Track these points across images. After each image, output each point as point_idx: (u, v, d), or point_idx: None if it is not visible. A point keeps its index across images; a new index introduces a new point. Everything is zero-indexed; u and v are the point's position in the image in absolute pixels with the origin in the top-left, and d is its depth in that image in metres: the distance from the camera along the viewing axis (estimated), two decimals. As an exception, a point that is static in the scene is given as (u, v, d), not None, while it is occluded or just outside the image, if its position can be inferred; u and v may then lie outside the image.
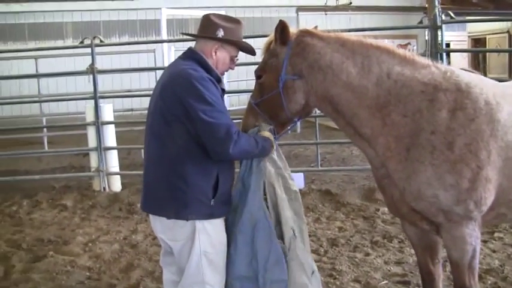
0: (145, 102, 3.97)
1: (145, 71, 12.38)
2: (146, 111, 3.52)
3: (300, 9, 20.80)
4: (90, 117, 8.83)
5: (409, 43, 21.80)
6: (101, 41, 8.51)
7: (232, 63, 3.52)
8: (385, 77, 3.23)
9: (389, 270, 5.31)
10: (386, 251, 5.81)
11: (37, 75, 11.73)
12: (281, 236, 3.42)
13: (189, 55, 3.43)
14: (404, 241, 5.97)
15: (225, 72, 3.61)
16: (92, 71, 8.41)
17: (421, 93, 3.18)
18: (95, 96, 8.59)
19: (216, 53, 3.39)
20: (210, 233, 3.31)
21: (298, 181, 8.12)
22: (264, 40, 3.49)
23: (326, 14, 19.13)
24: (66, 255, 6.12)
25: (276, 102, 3.33)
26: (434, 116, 3.14)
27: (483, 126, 3.12)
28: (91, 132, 8.87)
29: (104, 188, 8.79)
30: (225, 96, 3.60)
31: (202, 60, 3.36)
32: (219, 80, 3.39)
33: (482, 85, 3.27)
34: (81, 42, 8.72)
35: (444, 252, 3.54)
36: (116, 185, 8.89)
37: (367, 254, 5.76)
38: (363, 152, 3.46)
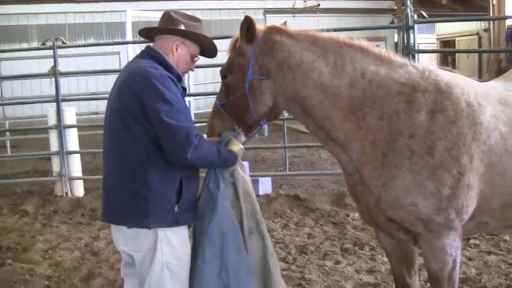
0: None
1: (110, 73, 12.21)
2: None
3: (268, 11, 20.80)
4: (52, 120, 8.63)
5: (377, 45, 21.94)
6: (63, 42, 8.29)
7: (193, 63, 3.39)
8: (359, 76, 3.05)
9: (360, 280, 5.15)
10: (358, 259, 5.65)
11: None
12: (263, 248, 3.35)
13: (148, 53, 3.28)
14: (376, 248, 5.84)
15: (192, 75, 3.48)
16: (53, 73, 8.22)
17: (398, 94, 3.01)
18: (57, 99, 8.39)
19: (177, 49, 3.24)
20: (173, 243, 3.18)
21: (265, 186, 8.17)
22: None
23: (294, 16, 19.13)
24: (25, 263, 5.93)
25: (242, 103, 3.15)
26: (412, 119, 2.97)
27: (465, 129, 2.96)
28: (53, 136, 8.66)
29: (67, 193, 8.59)
30: (192, 99, 3.49)
31: (161, 58, 3.22)
32: (179, 79, 3.26)
33: (463, 85, 3.13)
34: (43, 44, 8.50)
35: (420, 260, 3.44)
36: (79, 190, 8.70)
37: (338, 262, 5.60)
38: (336, 157, 3.29)
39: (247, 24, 3.12)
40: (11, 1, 17.84)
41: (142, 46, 11.31)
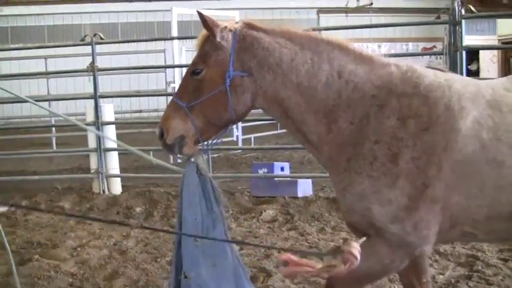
0: (153, 103, 3.73)
1: (152, 71, 12.25)
2: (154, 113, 3.22)
3: (321, 11, 20.56)
4: (90, 117, 8.65)
5: (434, 46, 21.27)
6: (102, 38, 8.28)
7: None
8: (335, 76, 2.90)
9: (394, 289, 4.84)
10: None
11: (46, 73, 11.68)
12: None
13: None
14: None
15: None
16: (92, 69, 8.22)
17: (372, 97, 2.85)
18: (95, 96, 8.40)
19: None
20: None
21: (305, 187, 7.91)
22: None
23: (347, 16, 18.82)
24: (52, 259, 5.91)
25: (220, 101, 2.95)
26: (381, 124, 2.79)
27: (437, 137, 2.73)
28: (91, 133, 8.68)
29: (103, 191, 8.59)
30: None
31: None
32: None
33: (448, 86, 2.85)
34: (82, 40, 8.53)
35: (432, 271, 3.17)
36: (116, 187, 8.69)
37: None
38: (317, 159, 3.15)
39: (205, 23, 2.94)
40: (64, 0, 18.25)
41: (187, 43, 11.33)
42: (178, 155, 3.29)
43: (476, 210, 2.79)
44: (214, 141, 3.24)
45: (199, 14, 2.95)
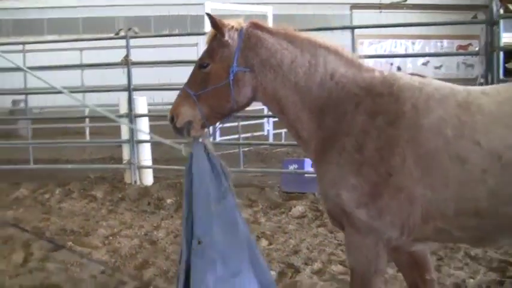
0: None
1: (185, 65, 12.32)
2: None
3: (354, 6, 20.37)
4: (123, 109, 8.78)
5: (470, 44, 20.96)
6: (136, 32, 8.40)
7: None
8: (328, 77, 3.16)
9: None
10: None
11: (81, 66, 11.87)
12: None
13: None
14: (443, 259, 5.40)
15: None
16: (126, 62, 8.36)
17: (354, 96, 3.10)
18: (129, 88, 8.53)
19: None
20: None
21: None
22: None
23: (381, 12, 18.66)
24: (85, 246, 6.06)
25: (222, 93, 3.25)
26: (353, 119, 3.05)
27: (401, 131, 2.92)
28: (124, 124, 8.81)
29: (135, 181, 8.72)
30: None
31: None
32: None
33: (419, 89, 3.04)
34: (117, 33, 8.67)
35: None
36: (148, 178, 8.81)
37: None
38: (306, 154, 3.41)
39: (214, 24, 3.23)
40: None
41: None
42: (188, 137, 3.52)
43: (444, 204, 2.90)
44: (219, 126, 3.63)
45: (208, 15, 3.26)
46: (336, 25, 16.49)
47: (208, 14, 3.27)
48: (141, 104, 8.78)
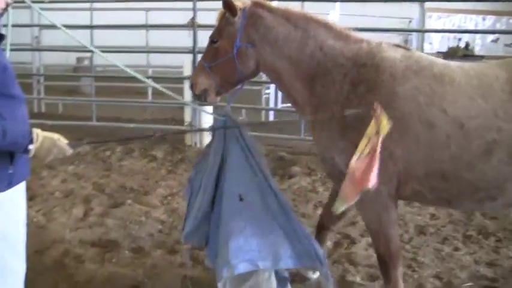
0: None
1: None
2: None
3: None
4: (187, 71, 8.77)
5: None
6: (203, -5, 8.33)
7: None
8: (317, 49, 3.52)
9: (478, 271, 4.67)
10: (479, 249, 5.14)
11: (146, 26, 11.90)
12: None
13: None
14: (502, 240, 5.29)
15: None
16: (192, 24, 8.31)
17: (340, 66, 3.45)
18: (194, 51, 8.48)
19: None
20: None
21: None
22: None
23: None
24: (144, 205, 6.15)
25: (230, 65, 3.65)
26: (341, 88, 3.41)
27: (379, 98, 3.20)
28: (187, 86, 8.79)
29: (196, 143, 8.75)
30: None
31: None
32: None
33: (400, 60, 3.38)
34: (183, -5, 8.60)
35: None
36: (208, 141, 8.78)
37: (457, 249, 5.13)
38: (303, 119, 3.84)
39: (228, 7, 3.59)
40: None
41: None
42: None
43: (417, 166, 3.27)
44: (235, 94, 3.96)
45: (226, 3, 3.58)
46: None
47: (225, 2, 3.57)
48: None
